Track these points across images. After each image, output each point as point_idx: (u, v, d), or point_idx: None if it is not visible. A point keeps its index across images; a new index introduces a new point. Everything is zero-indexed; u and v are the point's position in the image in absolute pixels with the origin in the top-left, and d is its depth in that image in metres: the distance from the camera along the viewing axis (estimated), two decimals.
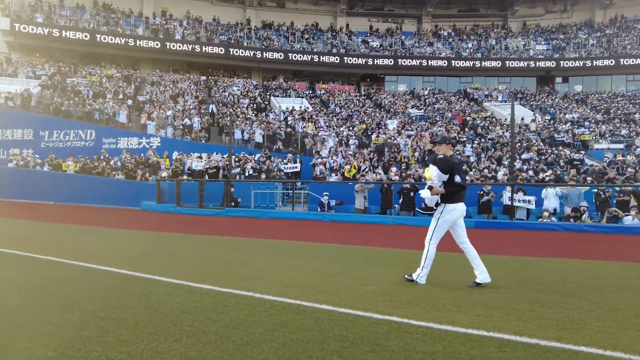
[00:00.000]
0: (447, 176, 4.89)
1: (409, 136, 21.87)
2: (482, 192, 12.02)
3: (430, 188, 4.94)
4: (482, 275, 4.98)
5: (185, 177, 15.38)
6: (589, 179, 14.60)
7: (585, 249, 8.42)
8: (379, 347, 3.22)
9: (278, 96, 32.23)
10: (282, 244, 8.36)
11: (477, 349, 3.19)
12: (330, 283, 5.16)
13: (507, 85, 37.72)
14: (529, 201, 11.19)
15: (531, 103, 33.59)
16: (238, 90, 30.95)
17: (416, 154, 18.52)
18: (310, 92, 35.29)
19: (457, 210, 4.99)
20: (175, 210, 13.64)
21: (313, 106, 30.19)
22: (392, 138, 20.68)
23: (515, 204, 10.97)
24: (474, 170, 16.04)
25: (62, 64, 30.82)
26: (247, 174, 15.00)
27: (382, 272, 5.79)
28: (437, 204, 5.02)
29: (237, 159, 16.00)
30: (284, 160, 16.93)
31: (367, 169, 14.58)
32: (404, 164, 15.70)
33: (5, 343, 3.23)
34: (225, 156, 15.83)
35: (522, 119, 28.94)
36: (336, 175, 14.42)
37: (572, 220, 10.55)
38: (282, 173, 15.78)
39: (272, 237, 9.19)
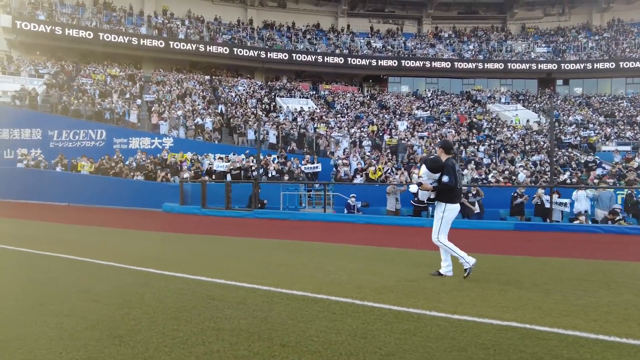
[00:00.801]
0: (438, 175, 5.37)
1: (421, 137, 21.92)
2: (515, 195, 12.07)
3: (420, 184, 5.49)
4: (447, 268, 5.58)
5: (207, 178, 15.18)
6: (610, 180, 14.75)
7: None
8: (526, 355, 3.17)
9: (283, 96, 32.09)
10: (335, 247, 8.24)
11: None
12: (416, 288, 5.09)
13: (509, 87, 38.07)
14: (565, 204, 11.26)
15: (533, 105, 33.94)
16: (244, 90, 30.73)
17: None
18: (314, 92, 35.20)
19: (456, 209, 5.53)
20: (201, 212, 13.43)
21: (319, 107, 30.10)
22: (406, 139, 20.70)
23: (553, 206, 11.00)
24: (493, 172, 16.09)
25: (64, 62, 30.30)
26: (270, 175, 14.88)
27: (461, 276, 5.73)
28: (429, 199, 5.54)
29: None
30: (303, 161, 16.84)
31: (389, 170, 14.54)
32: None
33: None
34: (242, 157, 15.70)
35: (527, 120, 29.24)
36: (361, 176, 14.37)
37: (609, 222, 10.63)
38: (304, 174, 15.66)
39: (319, 240, 9.06)
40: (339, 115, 27.00)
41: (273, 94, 32.02)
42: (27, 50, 31.90)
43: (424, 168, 5.51)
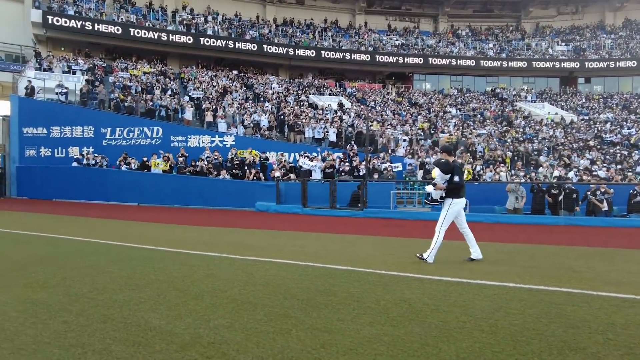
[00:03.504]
0: (449, 176, 6.15)
1: (479, 135, 22.00)
2: (634, 192, 12.17)
3: (434, 185, 6.26)
4: (475, 253, 6.38)
5: (292, 176, 14.94)
6: None
7: None
8: None
9: (314, 94, 31.85)
10: (520, 247, 8.13)
11: None
12: None
13: (531, 86, 38.49)
14: None
15: (560, 103, 34.40)
16: (279, 87, 30.38)
17: (509, 153, 18.59)
18: (341, 90, 35.02)
19: (461, 203, 6.30)
20: (303, 211, 13.20)
21: (355, 105, 29.97)
22: (466, 137, 20.74)
23: None
24: (574, 170, 16.18)
25: (94, 58, 29.52)
26: (360, 173, 14.70)
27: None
28: (441, 197, 6.28)
29: (336, 159, 15.66)
30: (379, 160, 16.69)
31: (480, 169, 14.52)
32: (533, 164, 15.60)
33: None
34: (336, 155, 15.49)
35: (562, 118, 29.61)
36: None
37: None
38: (393, 172, 15.52)
39: (493, 240, 8.91)
40: (383, 113, 26.89)
41: (302, 91, 31.72)
42: (53, 46, 31.00)
43: (437, 171, 6.26)
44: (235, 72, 33.13)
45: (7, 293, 4.56)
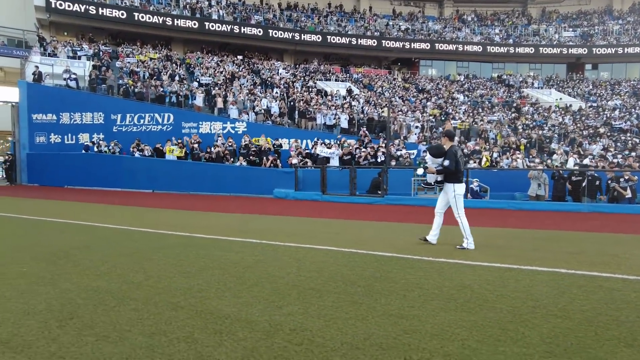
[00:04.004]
0: (441, 160, 6.22)
1: (490, 122, 21.92)
2: None
3: (426, 168, 6.43)
4: (433, 237, 6.51)
5: (309, 162, 14.89)
6: None
7: None
8: None
9: (320, 80, 31.61)
10: (552, 233, 8.14)
11: None
12: None
13: (537, 72, 38.26)
14: None
15: (566, 90, 34.25)
16: (286, 73, 30.13)
17: (523, 140, 18.57)
18: (347, 75, 34.76)
19: (462, 187, 6.33)
20: (322, 198, 13.19)
21: (361, 90, 29.78)
22: (478, 123, 20.66)
23: None
24: (589, 157, 16.17)
25: (98, 43, 29.15)
26: (378, 160, 14.66)
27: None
28: (436, 182, 6.38)
29: (352, 145, 15.60)
30: (394, 147, 16.62)
31: (497, 156, 14.50)
32: (546, 151, 15.61)
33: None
34: (353, 142, 15.44)
35: (570, 105, 29.51)
36: (474, 162, 14.29)
37: None
38: (410, 159, 15.48)
39: (523, 226, 8.93)
40: (393, 99, 26.72)
41: (308, 77, 31.47)
42: (56, 30, 30.62)
43: (427, 155, 6.43)
44: (240, 57, 32.79)
45: (67, 281, 4.55)
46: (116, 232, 7.87)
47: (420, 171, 6.55)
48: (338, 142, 16.53)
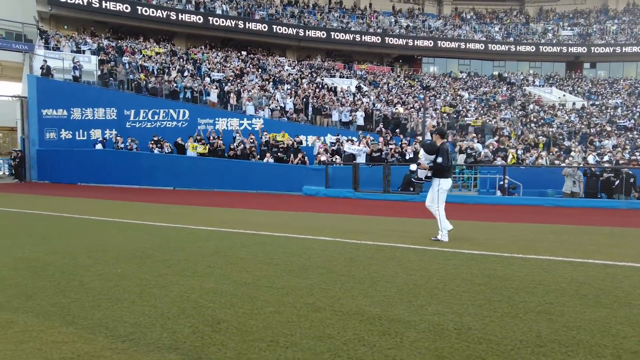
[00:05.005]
0: (433, 157, 6.47)
1: (503, 119, 22.12)
2: None
3: (419, 164, 6.68)
4: (443, 233, 6.61)
5: (338, 159, 14.81)
6: None
7: None
8: None
9: (326, 76, 31.51)
10: (613, 230, 8.22)
11: None
12: None
13: (537, 70, 38.74)
14: None
15: (566, 88, 34.74)
16: (292, 69, 29.95)
17: (541, 137, 18.75)
18: (351, 72, 34.71)
19: (448, 182, 6.61)
20: (354, 196, 13.14)
21: (369, 87, 29.78)
22: (493, 120, 20.82)
23: None
24: (608, 154, 16.39)
25: (100, 37, 28.57)
26: (406, 157, 14.65)
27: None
28: (426, 177, 6.68)
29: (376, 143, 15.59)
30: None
31: (522, 153, 14.65)
32: (563, 148, 15.75)
33: None
34: (380, 139, 15.41)
35: (574, 104, 29.95)
36: (501, 159, 14.40)
37: None
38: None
39: (572, 223, 8.98)
40: (403, 96, 26.75)
41: (316, 74, 31.33)
42: (56, 24, 29.93)
43: (422, 151, 6.68)
44: (244, 53, 32.49)
45: (173, 283, 4.37)
46: (175, 230, 7.71)
47: (413, 167, 6.77)
48: (358, 140, 16.47)
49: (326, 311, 3.63)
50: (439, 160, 6.42)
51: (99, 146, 18.67)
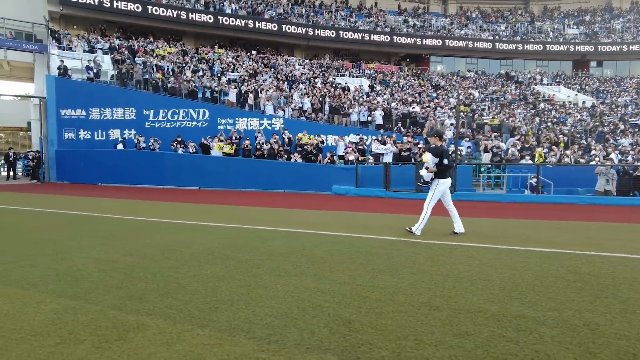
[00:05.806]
0: (438, 159, 6.71)
1: (521, 118, 22.20)
2: None
3: (427, 168, 6.84)
4: (458, 227, 6.97)
5: (370, 158, 14.86)
6: None
7: None
8: None
9: (336, 75, 31.53)
10: None
11: None
12: None
13: (544, 69, 38.88)
14: None
15: (573, 87, 34.90)
16: (303, 68, 29.95)
17: (562, 136, 18.84)
18: (359, 71, 34.73)
19: (446, 183, 6.87)
20: (386, 195, 13.18)
21: (380, 86, 29.81)
22: (511, 119, 20.92)
23: None
24: (631, 153, 16.49)
25: (110, 37, 28.46)
26: None
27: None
28: (431, 179, 6.90)
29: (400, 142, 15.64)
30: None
31: (547, 151, 14.75)
32: (582, 147, 15.87)
33: None
34: (408, 139, 15.45)
35: (584, 102, 30.09)
36: (529, 157, 14.48)
37: None
38: (462, 155, 15.60)
39: (620, 221, 8.99)
40: (416, 95, 26.81)
41: (327, 73, 31.33)
42: (66, 24, 29.77)
43: (429, 155, 6.81)
44: (254, 52, 32.45)
45: (281, 282, 4.41)
46: (236, 230, 7.72)
47: (424, 172, 6.91)
48: (378, 139, 16.51)
49: (446, 310, 3.66)
50: (445, 161, 6.73)
51: (120, 146, 18.62)
